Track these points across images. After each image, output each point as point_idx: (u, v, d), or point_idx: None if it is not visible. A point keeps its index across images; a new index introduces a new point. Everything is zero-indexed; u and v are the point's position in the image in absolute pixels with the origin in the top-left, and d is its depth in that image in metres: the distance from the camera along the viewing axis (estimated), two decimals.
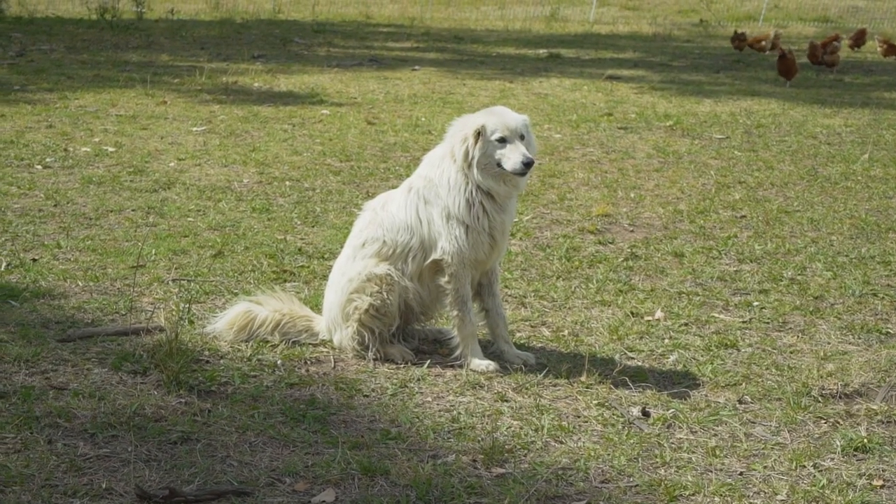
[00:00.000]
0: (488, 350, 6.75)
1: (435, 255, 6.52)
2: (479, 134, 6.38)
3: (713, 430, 5.80)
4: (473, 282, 6.69)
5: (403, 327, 6.84)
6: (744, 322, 7.46)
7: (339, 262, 6.87)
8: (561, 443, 5.59)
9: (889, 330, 7.34)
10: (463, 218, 6.42)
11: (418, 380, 6.35)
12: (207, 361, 6.49)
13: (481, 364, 6.54)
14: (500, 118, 6.45)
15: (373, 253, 6.59)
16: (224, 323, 6.83)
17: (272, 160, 11.93)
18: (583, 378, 6.37)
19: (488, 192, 6.43)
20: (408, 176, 7.07)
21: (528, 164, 6.31)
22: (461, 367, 6.55)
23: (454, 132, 6.54)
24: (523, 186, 6.71)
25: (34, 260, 8.24)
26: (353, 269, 6.62)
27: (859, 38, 23.79)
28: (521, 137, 6.42)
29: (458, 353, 6.61)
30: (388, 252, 6.58)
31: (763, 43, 23.81)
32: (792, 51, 19.87)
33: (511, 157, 6.32)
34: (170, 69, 19.13)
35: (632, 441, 5.62)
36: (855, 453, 5.52)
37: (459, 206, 6.41)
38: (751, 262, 8.79)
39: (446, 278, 6.53)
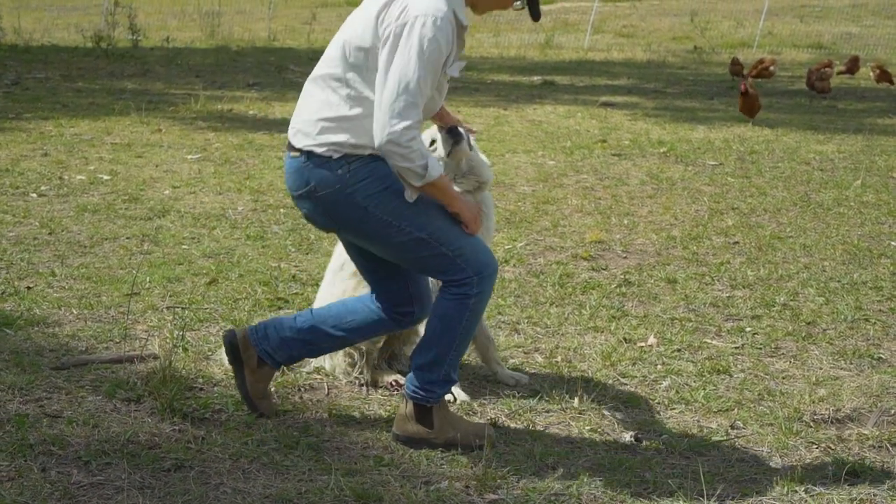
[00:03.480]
0: (480, 374, 6.78)
1: None
2: (433, 141, 6.35)
3: (705, 455, 5.82)
4: None
5: (390, 348, 6.85)
6: (736, 348, 7.48)
7: (321, 287, 6.87)
8: (554, 469, 5.61)
9: (881, 355, 7.37)
10: None
11: None
12: (201, 389, 6.51)
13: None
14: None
15: (350, 274, 6.55)
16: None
17: (267, 188, 11.96)
18: (575, 404, 6.40)
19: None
20: None
21: (449, 130, 6.26)
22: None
23: None
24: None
25: (29, 288, 8.26)
26: (332, 294, 6.59)
27: (853, 65, 23.85)
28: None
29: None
30: None
31: (772, 68, 23.76)
32: (755, 87, 18.35)
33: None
34: (165, 97, 19.19)
35: (624, 467, 5.63)
36: (847, 478, 5.53)
37: None
38: (743, 287, 8.81)
39: None
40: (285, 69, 24.37)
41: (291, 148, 5.84)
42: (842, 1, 41.25)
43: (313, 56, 26.26)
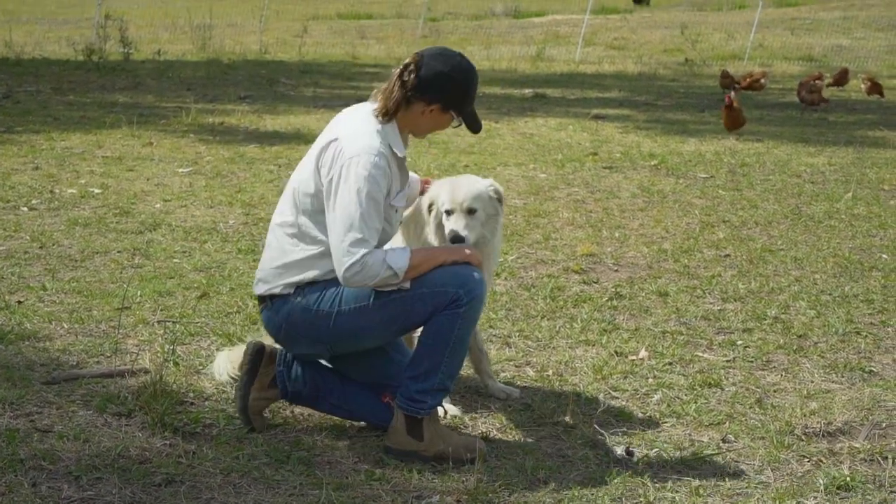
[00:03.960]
0: (472, 387, 6.77)
1: None
2: (432, 205, 6.31)
3: (697, 469, 5.82)
4: None
5: None
6: (728, 361, 7.48)
7: None
8: (545, 483, 5.60)
9: (872, 368, 7.37)
10: None
11: None
12: (192, 403, 6.50)
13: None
14: (450, 191, 6.27)
15: None
16: (220, 370, 6.81)
17: (258, 201, 11.96)
18: (567, 418, 6.39)
19: None
20: None
21: (452, 239, 6.15)
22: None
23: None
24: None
25: (19, 302, 8.24)
26: None
27: (841, 78, 23.89)
28: (470, 211, 6.26)
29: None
30: None
31: (763, 81, 23.79)
32: (740, 101, 17.84)
33: (447, 227, 6.22)
34: (156, 110, 19.18)
35: (616, 481, 5.63)
36: (838, 492, 5.54)
37: None
38: (735, 300, 8.82)
39: None
40: (276, 82, 24.38)
41: (258, 300, 6.15)
42: (832, 13, 41.38)
43: (304, 69, 26.39)
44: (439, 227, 6.27)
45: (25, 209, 11.27)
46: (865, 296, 8.95)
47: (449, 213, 6.23)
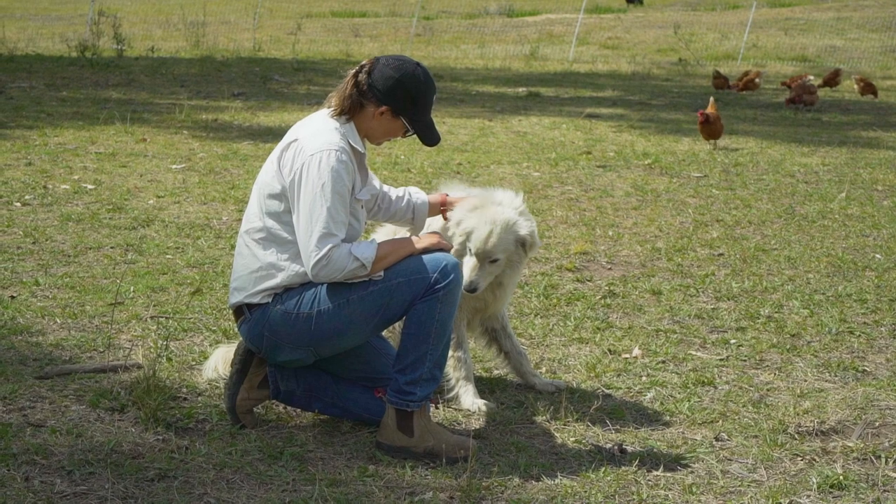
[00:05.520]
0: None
1: None
2: (466, 238, 6.28)
3: (690, 467, 5.82)
4: (473, 325, 6.75)
5: None
6: (721, 359, 7.48)
7: None
8: (538, 480, 5.60)
9: (865, 367, 7.37)
10: None
11: None
12: (185, 398, 6.49)
13: (475, 404, 6.53)
14: (482, 236, 6.25)
15: None
16: (211, 367, 6.79)
17: None
18: (560, 415, 6.39)
19: None
20: None
21: (467, 289, 6.20)
22: (458, 407, 6.55)
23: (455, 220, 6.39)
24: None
25: (12, 297, 8.23)
26: None
27: (832, 79, 23.95)
28: (494, 260, 6.29)
29: (452, 393, 6.61)
30: None
31: (757, 80, 23.84)
32: (714, 110, 16.59)
33: (465, 271, 6.21)
34: (150, 106, 19.17)
35: (609, 478, 5.63)
36: (831, 490, 5.54)
37: None
38: (728, 299, 8.82)
39: None
40: (270, 79, 24.37)
41: (235, 314, 6.13)
42: (826, 14, 41.42)
43: (298, 66, 26.37)
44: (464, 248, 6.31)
45: (18, 205, 11.25)
46: (859, 295, 8.96)
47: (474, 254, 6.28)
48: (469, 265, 6.24)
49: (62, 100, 19.70)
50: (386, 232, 6.77)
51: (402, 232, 6.53)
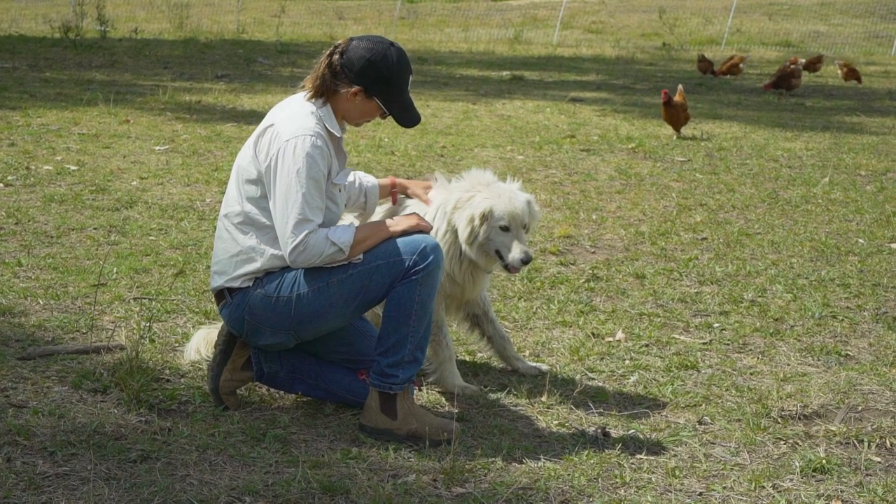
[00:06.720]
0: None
1: None
2: (485, 217, 6.27)
3: (673, 450, 5.82)
4: (452, 309, 6.73)
5: None
6: (704, 343, 7.49)
7: None
8: (521, 463, 5.60)
9: (848, 352, 7.38)
10: None
11: None
12: (168, 380, 6.48)
13: (457, 387, 6.52)
14: (508, 204, 6.29)
15: None
16: (193, 348, 6.78)
17: None
18: (543, 398, 6.39)
19: (471, 259, 6.40)
20: None
21: (526, 262, 6.27)
22: (440, 390, 6.55)
23: (459, 211, 6.37)
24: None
25: None
26: None
27: (813, 64, 23.98)
28: (525, 228, 6.33)
29: (434, 377, 6.60)
30: None
31: (741, 65, 23.87)
32: (681, 99, 15.88)
33: (513, 250, 6.25)
34: (133, 88, 19.11)
35: (592, 461, 5.63)
36: (814, 474, 5.55)
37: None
38: (711, 283, 8.83)
39: None
40: (254, 61, 24.33)
41: (216, 297, 6.11)
42: None
43: (282, 48, 26.33)
44: (486, 239, 6.29)
45: (1, 185, 11.21)
46: (842, 280, 8.97)
47: (506, 229, 6.26)
48: (510, 243, 6.25)
49: (45, 81, 19.63)
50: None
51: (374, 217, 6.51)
